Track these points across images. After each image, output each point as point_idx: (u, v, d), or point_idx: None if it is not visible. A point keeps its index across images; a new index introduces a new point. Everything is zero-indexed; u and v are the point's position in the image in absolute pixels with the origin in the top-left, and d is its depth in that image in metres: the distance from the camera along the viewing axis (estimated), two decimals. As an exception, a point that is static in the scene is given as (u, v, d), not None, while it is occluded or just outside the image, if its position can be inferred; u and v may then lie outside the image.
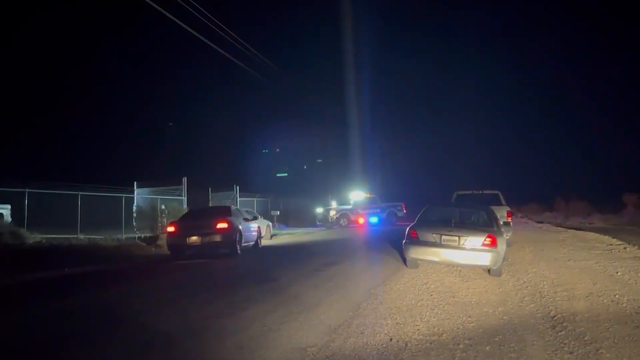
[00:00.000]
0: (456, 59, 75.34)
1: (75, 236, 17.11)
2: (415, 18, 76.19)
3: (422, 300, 7.20)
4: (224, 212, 14.96)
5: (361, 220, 28.19)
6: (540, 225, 23.39)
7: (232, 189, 26.21)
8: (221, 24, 19.11)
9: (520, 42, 71.87)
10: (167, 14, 16.07)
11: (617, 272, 8.79)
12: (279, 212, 30.10)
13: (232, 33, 20.08)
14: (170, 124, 50.34)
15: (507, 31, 75.03)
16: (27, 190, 16.51)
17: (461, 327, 5.72)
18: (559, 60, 70.79)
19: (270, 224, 23.12)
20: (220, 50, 20.14)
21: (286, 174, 35.90)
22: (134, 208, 20.94)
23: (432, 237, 9.23)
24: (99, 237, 16.94)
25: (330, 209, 29.34)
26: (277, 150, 48.09)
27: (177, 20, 16.60)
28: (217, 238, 13.55)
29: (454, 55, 73.74)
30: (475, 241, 8.80)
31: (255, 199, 29.54)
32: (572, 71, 69.87)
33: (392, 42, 73.06)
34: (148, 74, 69.39)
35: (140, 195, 21.51)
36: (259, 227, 17.38)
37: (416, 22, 72.14)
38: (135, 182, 21.69)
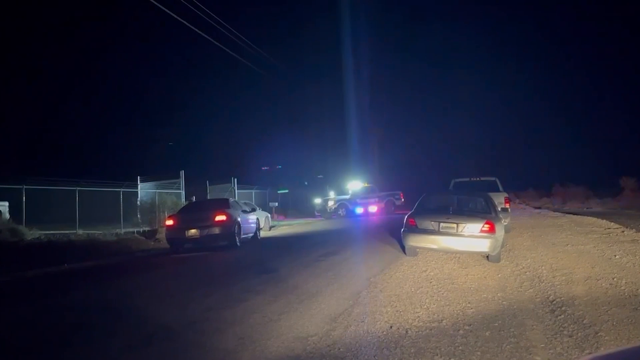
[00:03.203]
0: (454, 47, 75.00)
1: (74, 232, 17.11)
2: (414, 6, 75.75)
3: (422, 287, 7.22)
4: (223, 205, 14.96)
5: (359, 210, 28.23)
6: (538, 210, 23.45)
7: (230, 182, 26.19)
8: (220, 19, 19.01)
9: (518, 30, 71.60)
10: (172, 13, 16.02)
11: (615, 256, 8.82)
12: (277, 204, 30.17)
13: (227, 25, 19.94)
14: (170, 143, 51.29)
15: (505, 19, 74.65)
16: (25, 186, 16.47)
17: (461, 313, 5.74)
18: (555, 47, 70.58)
19: (269, 215, 23.16)
20: (215, 41, 20.01)
21: (287, 190, 36.30)
22: (138, 202, 20.97)
23: (430, 224, 9.25)
24: (98, 232, 16.94)
25: (328, 200, 29.37)
26: (279, 167, 48.36)
27: (178, 17, 16.50)
28: (216, 230, 13.56)
29: (452, 44, 73.40)
30: (473, 228, 8.81)
31: (253, 191, 29.56)
32: (568, 57, 69.68)
33: (390, 31, 72.70)
34: (148, 71, 69.12)
35: (140, 190, 21.56)
36: (257, 218, 17.39)
37: (415, 10, 71.74)
38: (138, 177, 21.76)
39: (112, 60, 65.45)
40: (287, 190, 36.39)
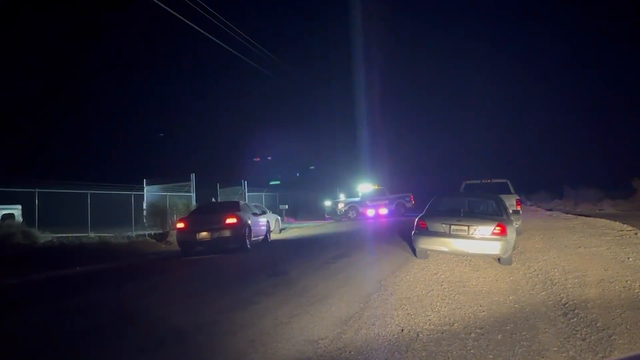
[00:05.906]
0: (464, 48, 74.58)
1: (86, 235, 17.23)
2: (424, 7, 75.57)
3: (433, 290, 7.20)
4: (233, 207, 15.01)
5: (370, 212, 28.18)
6: (549, 213, 23.23)
7: (240, 184, 26.27)
8: (227, 22, 19.13)
9: (527, 30, 71.13)
10: (180, 17, 16.14)
11: (628, 258, 8.73)
12: (287, 206, 30.18)
13: (234, 27, 20.05)
14: (160, 134, 52.06)
15: (514, 19, 74.22)
16: (37, 190, 16.65)
17: (472, 317, 5.71)
18: (566, 47, 70.00)
19: (279, 218, 23.17)
20: (222, 43, 20.13)
21: (279, 182, 36.82)
22: (144, 205, 21.06)
23: (441, 227, 9.20)
24: (109, 235, 17.06)
25: (338, 202, 29.33)
26: (269, 158, 48.88)
27: (187, 21, 16.61)
28: (227, 233, 13.60)
29: (461, 45, 73.01)
30: (484, 230, 8.76)
31: (263, 194, 29.61)
32: (579, 57, 69.12)
33: (400, 32, 72.53)
34: (154, 73, 69.65)
35: (149, 193, 21.64)
36: (267, 221, 17.43)
37: (424, 11, 71.61)
38: (144, 180, 21.84)
39: (122, 64, 66.06)
40: (278, 182, 36.82)
